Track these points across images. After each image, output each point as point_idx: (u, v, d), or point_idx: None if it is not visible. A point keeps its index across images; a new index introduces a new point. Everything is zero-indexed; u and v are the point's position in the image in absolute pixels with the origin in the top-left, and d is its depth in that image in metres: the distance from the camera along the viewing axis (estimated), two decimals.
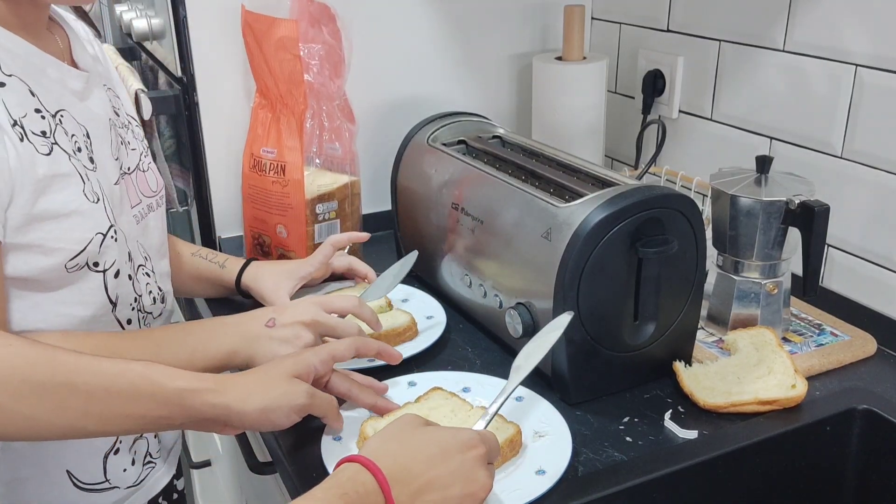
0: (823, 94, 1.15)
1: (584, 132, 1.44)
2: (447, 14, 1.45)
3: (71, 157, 0.82)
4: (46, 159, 0.79)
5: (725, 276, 1.09)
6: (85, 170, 0.84)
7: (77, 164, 0.83)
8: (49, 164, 0.79)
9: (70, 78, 0.87)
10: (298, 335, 0.93)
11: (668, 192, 0.95)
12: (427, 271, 1.23)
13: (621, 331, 0.97)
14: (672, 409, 0.96)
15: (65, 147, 0.82)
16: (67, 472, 0.89)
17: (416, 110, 1.38)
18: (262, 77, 1.23)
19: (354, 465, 0.70)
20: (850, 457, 0.97)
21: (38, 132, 0.79)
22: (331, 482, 0.69)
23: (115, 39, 1.97)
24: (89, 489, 0.91)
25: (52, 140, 0.80)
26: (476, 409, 0.92)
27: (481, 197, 1.08)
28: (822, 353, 1.05)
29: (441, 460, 0.73)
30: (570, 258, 0.91)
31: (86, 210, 0.82)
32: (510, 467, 0.85)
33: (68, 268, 0.82)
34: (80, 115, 0.86)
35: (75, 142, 0.84)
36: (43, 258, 0.80)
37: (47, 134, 0.80)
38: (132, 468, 0.94)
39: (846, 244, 1.15)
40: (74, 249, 0.81)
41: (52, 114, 0.82)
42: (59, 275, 0.82)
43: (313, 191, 1.25)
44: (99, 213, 0.84)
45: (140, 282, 0.93)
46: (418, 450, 0.73)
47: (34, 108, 0.80)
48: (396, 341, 1.07)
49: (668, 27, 1.40)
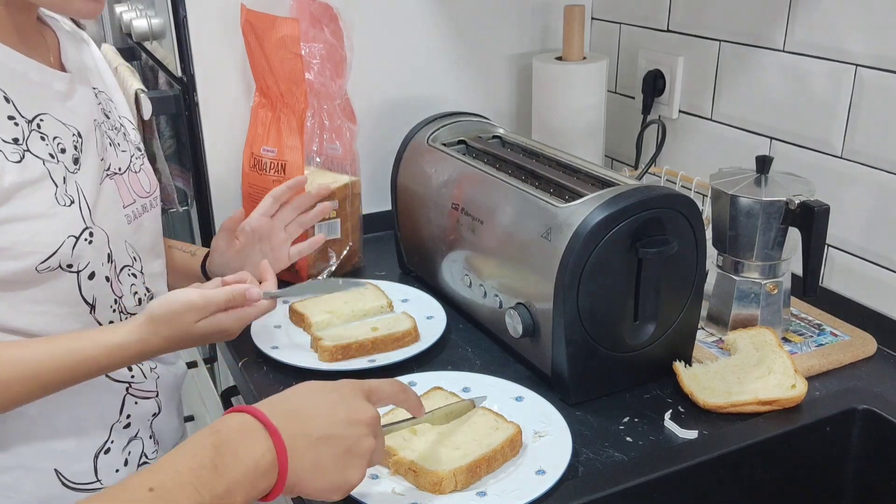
0: (823, 94, 1.15)
1: (584, 132, 1.44)
2: (447, 14, 1.45)
3: (47, 161, 0.83)
4: (16, 166, 0.80)
5: (725, 276, 1.09)
6: (64, 172, 0.84)
7: (53, 168, 0.83)
8: (19, 171, 0.80)
9: (54, 80, 0.87)
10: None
11: (668, 192, 0.95)
12: (427, 271, 1.23)
13: (621, 331, 0.97)
14: (672, 409, 0.97)
15: (39, 153, 0.82)
16: (55, 470, 0.89)
17: (416, 110, 1.38)
18: (262, 76, 1.23)
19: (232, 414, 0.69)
20: (850, 457, 0.97)
21: (10, 139, 0.80)
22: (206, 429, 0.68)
23: (115, 39, 1.97)
24: (79, 488, 0.91)
25: (24, 147, 0.81)
26: (476, 409, 0.92)
27: (481, 197, 1.08)
28: (822, 353, 1.05)
29: (329, 409, 0.72)
30: (570, 258, 0.91)
31: (56, 213, 0.82)
32: (510, 467, 0.85)
33: (39, 270, 0.82)
34: (65, 117, 0.86)
35: (58, 144, 0.84)
36: (13, 262, 0.80)
37: (19, 141, 0.81)
38: (125, 469, 0.94)
39: (846, 244, 1.15)
40: (45, 252, 0.82)
41: (29, 119, 0.82)
42: (30, 276, 0.82)
43: (313, 190, 1.25)
44: (72, 216, 0.84)
45: (123, 283, 0.92)
46: (305, 397, 0.73)
47: (7, 115, 0.80)
48: (397, 346, 1.07)
49: (668, 27, 1.40)
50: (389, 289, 1.21)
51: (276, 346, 1.09)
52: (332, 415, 0.71)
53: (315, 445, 0.69)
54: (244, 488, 0.64)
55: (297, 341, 1.10)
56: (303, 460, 0.68)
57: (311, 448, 0.69)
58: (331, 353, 1.04)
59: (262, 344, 1.08)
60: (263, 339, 1.10)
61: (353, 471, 0.72)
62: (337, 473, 0.71)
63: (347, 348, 1.05)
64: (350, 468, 0.71)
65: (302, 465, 0.68)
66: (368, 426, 0.73)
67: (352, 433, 0.71)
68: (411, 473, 0.82)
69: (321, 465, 0.69)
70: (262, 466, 0.66)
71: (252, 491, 0.65)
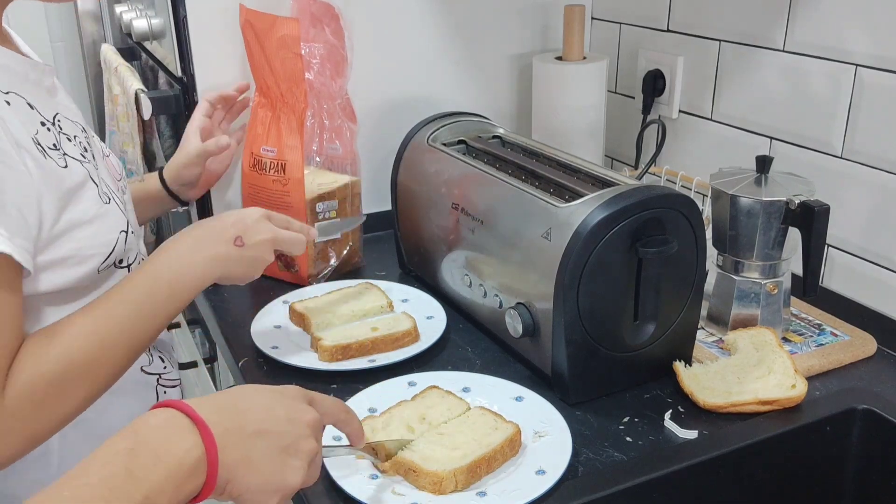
0: (823, 94, 1.15)
1: (584, 132, 1.44)
2: (447, 14, 1.45)
3: (83, 162, 0.83)
4: (66, 172, 0.79)
5: (725, 276, 1.09)
6: (95, 171, 0.84)
7: (89, 168, 0.83)
8: (69, 177, 0.80)
9: (43, 76, 0.86)
10: (265, 258, 0.94)
11: (668, 192, 0.95)
12: (427, 271, 1.23)
13: (621, 331, 0.97)
14: (672, 409, 0.96)
15: (74, 154, 0.82)
16: None
17: (416, 110, 1.38)
18: (262, 76, 1.23)
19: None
20: (850, 457, 0.97)
21: (50, 146, 0.79)
22: None
23: (115, 39, 1.97)
24: None
25: (62, 151, 0.80)
26: (473, 408, 0.92)
27: (481, 197, 1.08)
28: (822, 353, 1.05)
29: (267, 405, 0.66)
30: (570, 258, 0.91)
31: (106, 212, 0.84)
32: (510, 467, 0.85)
33: (100, 271, 0.83)
34: (69, 113, 0.86)
35: (79, 142, 0.84)
36: (78, 268, 0.81)
37: (57, 146, 0.80)
38: None
39: (846, 244, 1.15)
40: (104, 252, 0.83)
41: (52, 122, 0.81)
42: (91, 280, 0.83)
43: (313, 190, 1.25)
44: (115, 212, 0.85)
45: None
46: (241, 392, 0.67)
47: (39, 121, 0.79)
48: (397, 346, 1.07)
49: (668, 27, 1.40)
50: (389, 289, 1.21)
51: (276, 346, 1.08)
52: (269, 410, 0.65)
53: (249, 439, 0.63)
54: (167, 493, 0.57)
55: (297, 341, 1.10)
56: (234, 455, 0.61)
57: (243, 442, 0.62)
58: (331, 353, 1.04)
59: (262, 344, 1.08)
60: (263, 339, 1.10)
61: (291, 472, 0.65)
62: (273, 473, 0.64)
63: (347, 348, 1.05)
64: (288, 469, 0.65)
65: (234, 460, 0.61)
66: (310, 427, 0.67)
67: (291, 431, 0.65)
68: (411, 474, 0.82)
69: (255, 462, 0.63)
70: (188, 465, 0.59)
71: (177, 495, 0.58)
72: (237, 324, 1.17)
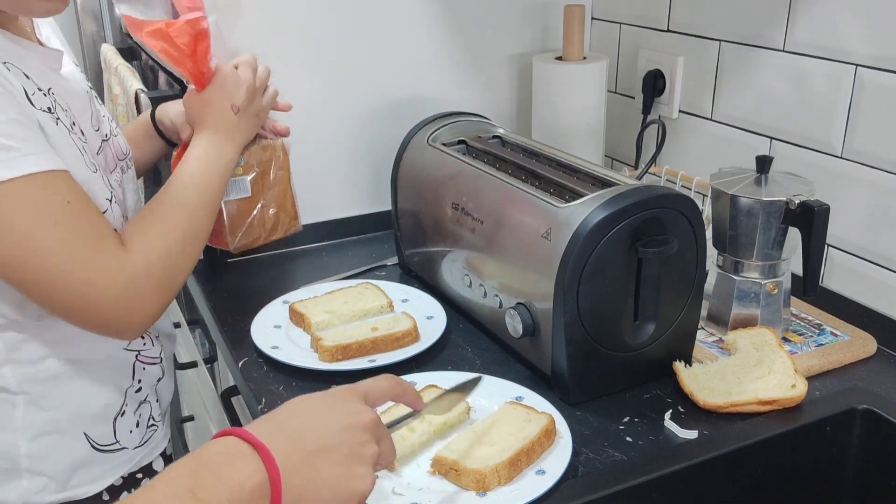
0: (823, 94, 1.15)
1: (584, 132, 1.44)
2: (447, 14, 1.45)
3: (70, 131, 0.85)
4: (55, 129, 0.83)
5: (725, 276, 1.09)
6: (81, 142, 0.87)
7: (75, 138, 0.86)
8: (56, 134, 0.82)
9: (49, 59, 0.90)
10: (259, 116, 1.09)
11: (668, 192, 0.95)
12: (427, 271, 1.23)
13: (621, 331, 0.97)
14: (672, 409, 0.97)
15: (65, 121, 0.85)
16: (85, 434, 0.93)
17: (416, 110, 1.38)
18: (185, 66, 1.07)
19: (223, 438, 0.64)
20: (850, 457, 0.97)
21: (45, 108, 0.83)
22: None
23: (115, 39, 1.97)
24: (104, 450, 0.95)
25: (56, 116, 0.84)
26: (504, 405, 0.92)
27: (481, 197, 1.08)
28: (822, 353, 1.05)
29: (321, 419, 0.67)
30: (570, 258, 0.91)
31: (95, 178, 0.86)
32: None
33: None
34: (64, 92, 0.89)
35: (69, 116, 0.87)
36: None
37: (52, 110, 0.84)
38: (137, 430, 0.98)
39: (846, 244, 1.15)
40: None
41: (46, 91, 0.85)
42: None
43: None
44: (102, 181, 0.88)
45: None
46: (295, 410, 0.68)
47: (37, 86, 0.83)
48: (397, 346, 1.07)
49: (668, 27, 1.40)
50: (389, 289, 1.21)
51: (276, 346, 1.09)
52: (325, 424, 0.66)
53: (310, 459, 0.64)
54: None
55: (298, 341, 1.10)
56: (299, 477, 0.63)
57: (305, 463, 0.64)
58: (331, 353, 1.04)
59: (262, 344, 1.09)
60: (263, 339, 1.10)
61: (358, 480, 0.66)
62: (340, 485, 0.65)
63: (347, 348, 1.05)
64: (354, 478, 0.66)
65: (299, 482, 0.63)
66: (367, 430, 0.68)
67: (349, 440, 0.66)
68: (453, 473, 0.83)
69: (321, 480, 0.64)
70: (249, 488, 0.60)
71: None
72: (237, 324, 1.17)
